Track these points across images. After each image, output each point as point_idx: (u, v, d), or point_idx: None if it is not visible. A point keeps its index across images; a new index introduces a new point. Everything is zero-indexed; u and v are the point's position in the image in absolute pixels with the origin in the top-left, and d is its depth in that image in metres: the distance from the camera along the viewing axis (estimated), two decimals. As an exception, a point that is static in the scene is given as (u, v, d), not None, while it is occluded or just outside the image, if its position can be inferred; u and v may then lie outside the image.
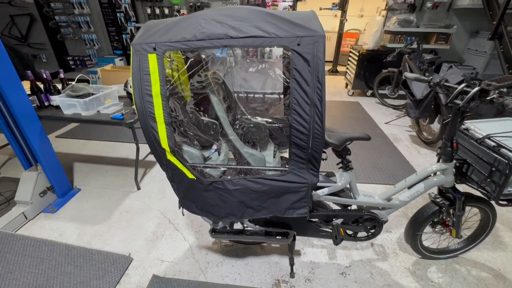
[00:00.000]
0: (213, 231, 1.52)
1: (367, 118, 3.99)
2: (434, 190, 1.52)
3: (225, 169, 1.33)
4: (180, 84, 1.23)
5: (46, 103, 2.21)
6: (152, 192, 2.36)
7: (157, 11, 4.95)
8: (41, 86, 2.21)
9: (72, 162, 2.83)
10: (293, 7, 4.57)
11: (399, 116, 4.02)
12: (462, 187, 1.45)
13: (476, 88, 1.12)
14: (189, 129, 1.27)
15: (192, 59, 1.23)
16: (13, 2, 5.13)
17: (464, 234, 1.71)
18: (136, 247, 1.82)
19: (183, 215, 1.92)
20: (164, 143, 1.05)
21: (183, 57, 1.25)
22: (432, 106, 2.88)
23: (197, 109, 1.30)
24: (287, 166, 1.15)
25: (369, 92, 4.86)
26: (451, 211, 1.47)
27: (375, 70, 4.49)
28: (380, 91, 4.48)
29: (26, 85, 2.19)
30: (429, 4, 4.28)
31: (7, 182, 2.46)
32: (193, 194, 1.22)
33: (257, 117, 1.38)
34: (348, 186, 1.44)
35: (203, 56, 1.28)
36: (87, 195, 2.34)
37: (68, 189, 2.33)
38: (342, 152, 1.35)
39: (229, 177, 1.20)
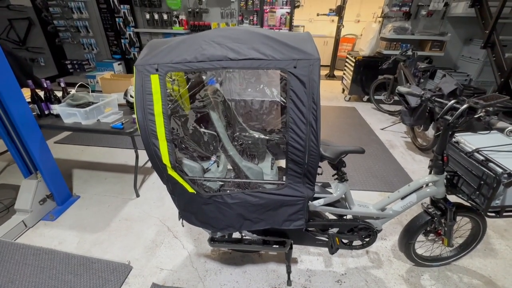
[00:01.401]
0: (212, 240, 1.55)
1: (363, 123, 4.05)
2: (427, 200, 1.57)
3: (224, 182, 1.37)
4: (181, 102, 1.27)
5: (46, 112, 2.22)
6: (151, 200, 2.39)
7: (156, 16, 4.98)
8: (41, 94, 2.23)
9: (71, 168, 2.84)
10: (291, 13, 4.63)
11: (394, 122, 4.08)
12: (454, 197, 1.50)
13: (465, 106, 1.17)
14: (189, 146, 1.31)
15: (193, 80, 1.27)
16: (11, 6, 5.14)
17: (456, 242, 1.76)
18: (135, 255, 1.85)
19: (183, 226, 1.95)
20: (166, 159, 1.09)
21: (185, 77, 1.29)
22: (427, 114, 2.94)
23: (197, 126, 1.34)
24: (284, 178, 1.19)
25: (366, 97, 4.93)
26: (442, 220, 1.52)
27: (371, 76, 4.58)
28: (376, 97, 4.56)
29: (26, 93, 2.20)
30: (423, 12, 4.37)
31: (6, 190, 2.47)
32: (193, 207, 1.26)
33: (254, 133, 1.42)
34: (343, 196, 1.49)
35: (204, 77, 1.32)
36: (86, 202, 2.36)
37: (67, 197, 2.34)
38: (337, 164, 1.39)
39: (228, 191, 1.23)
